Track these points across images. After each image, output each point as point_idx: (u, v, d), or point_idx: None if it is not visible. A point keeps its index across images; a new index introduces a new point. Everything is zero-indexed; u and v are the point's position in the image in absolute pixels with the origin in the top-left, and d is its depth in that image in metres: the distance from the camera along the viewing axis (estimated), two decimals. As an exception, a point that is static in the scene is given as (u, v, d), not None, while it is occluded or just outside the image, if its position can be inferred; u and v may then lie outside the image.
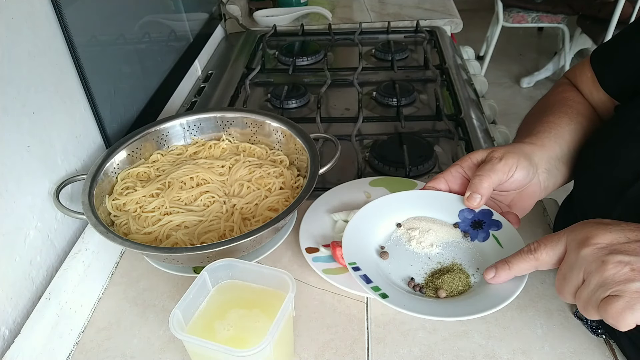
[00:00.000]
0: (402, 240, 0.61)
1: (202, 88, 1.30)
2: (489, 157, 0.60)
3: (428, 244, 0.61)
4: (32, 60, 0.72)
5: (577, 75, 0.74)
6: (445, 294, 0.56)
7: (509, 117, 2.80)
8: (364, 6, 1.74)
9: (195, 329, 0.57)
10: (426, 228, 0.62)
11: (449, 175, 0.62)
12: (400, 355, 0.63)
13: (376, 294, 0.54)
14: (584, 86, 0.73)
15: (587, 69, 0.71)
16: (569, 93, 0.73)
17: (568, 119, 0.67)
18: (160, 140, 0.90)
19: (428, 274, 0.59)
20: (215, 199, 0.79)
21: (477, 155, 0.61)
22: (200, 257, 0.67)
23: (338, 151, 0.81)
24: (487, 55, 3.16)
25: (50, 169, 0.76)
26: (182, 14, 1.28)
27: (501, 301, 0.52)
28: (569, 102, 0.71)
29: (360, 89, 1.19)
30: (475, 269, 0.59)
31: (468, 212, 0.62)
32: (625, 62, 0.66)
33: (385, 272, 0.59)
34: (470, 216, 0.62)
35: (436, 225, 0.63)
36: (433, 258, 0.60)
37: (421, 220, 0.63)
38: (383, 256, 0.61)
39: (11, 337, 0.64)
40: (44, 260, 0.74)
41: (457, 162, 0.62)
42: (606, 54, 0.70)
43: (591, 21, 2.78)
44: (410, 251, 0.61)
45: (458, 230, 0.63)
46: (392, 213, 0.63)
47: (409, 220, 0.63)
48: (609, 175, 0.59)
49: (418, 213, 0.63)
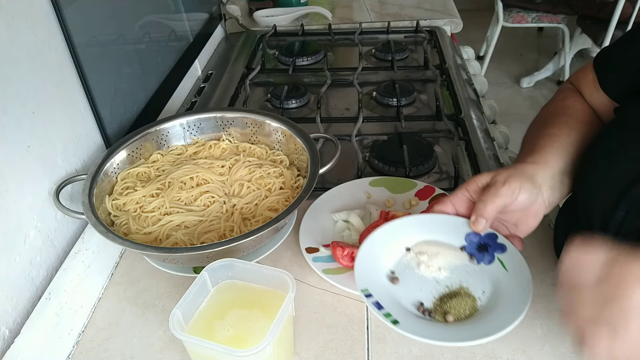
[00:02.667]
0: (412, 265, 0.62)
1: (202, 88, 1.30)
2: (493, 180, 0.61)
3: (436, 268, 0.62)
4: (32, 60, 0.72)
5: (580, 78, 0.75)
6: (453, 319, 0.58)
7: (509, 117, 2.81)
8: (364, 6, 1.74)
9: (195, 329, 0.57)
10: (434, 252, 0.63)
11: (456, 198, 0.63)
12: (400, 355, 0.63)
13: (387, 320, 0.56)
14: (586, 89, 0.73)
15: (590, 72, 0.72)
16: (570, 100, 0.73)
17: (569, 130, 0.68)
18: (160, 140, 0.90)
19: (437, 298, 0.60)
20: (215, 199, 0.79)
21: (482, 179, 0.62)
22: (200, 257, 0.67)
23: (338, 151, 0.81)
24: (487, 55, 3.16)
25: (50, 169, 0.76)
26: (182, 14, 1.28)
27: (507, 324, 0.54)
28: (569, 110, 0.71)
29: (360, 89, 1.19)
30: (481, 292, 0.60)
31: (474, 235, 0.63)
32: (626, 64, 0.67)
33: (395, 297, 0.60)
34: (476, 239, 0.63)
35: (444, 248, 0.64)
36: (441, 282, 0.61)
37: (429, 244, 0.64)
38: (394, 281, 0.61)
39: (11, 337, 0.64)
40: (44, 260, 0.74)
41: (462, 185, 0.63)
42: (608, 56, 0.71)
43: (591, 21, 2.78)
44: (420, 275, 0.62)
45: (465, 253, 0.64)
46: (401, 237, 0.64)
47: (418, 244, 0.64)
48: (612, 174, 0.59)
49: (426, 237, 0.64)
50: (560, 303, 0.49)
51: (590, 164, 0.64)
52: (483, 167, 0.95)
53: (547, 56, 3.43)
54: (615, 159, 0.60)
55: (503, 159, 1.00)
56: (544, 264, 0.73)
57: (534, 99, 3.11)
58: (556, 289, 0.50)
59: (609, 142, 0.63)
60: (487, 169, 0.95)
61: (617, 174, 0.59)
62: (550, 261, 0.74)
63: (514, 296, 0.57)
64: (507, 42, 3.46)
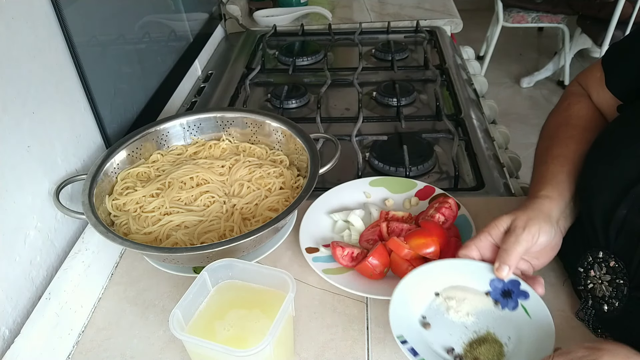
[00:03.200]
0: (441, 310, 0.64)
1: (202, 88, 1.30)
2: (513, 226, 0.63)
3: (464, 313, 0.64)
4: (32, 60, 0.72)
5: (587, 77, 0.76)
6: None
7: (509, 117, 2.81)
8: (364, 6, 1.74)
9: (195, 329, 0.57)
10: (462, 297, 0.65)
11: (479, 242, 0.66)
12: (401, 355, 0.63)
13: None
14: (593, 88, 0.74)
15: (597, 70, 0.73)
16: (575, 107, 0.75)
17: (575, 145, 0.69)
18: (160, 140, 0.90)
19: (466, 343, 0.61)
20: (215, 199, 0.79)
21: (502, 223, 0.65)
22: (200, 257, 0.67)
23: (338, 151, 0.81)
24: (487, 55, 3.16)
25: (50, 169, 0.76)
26: (182, 14, 1.28)
27: None
28: (573, 119, 0.73)
29: (360, 89, 1.19)
30: (507, 338, 0.62)
31: (498, 281, 0.65)
32: (631, 62, 0.68)
33: (428, 341, 0.61)
34: (500, 285, 0.65)
35: (470, 294, 0.65)
36: (469, 327, 0.63)
37: (457, 289, 0.66)
38: (425, 326, 0.63)
39: (11, 337, 0.64)
40: (44, 260, 0.74)
41: (485, 229, 0.66)
42: (615, 55, 0.72)
43: (591, 21, 2.78)
44: (449, 320, 0.63)
45: (490, 298, 0.66)
46: (431, 282, 0.66)
47: (446, 289, 0.66)
48: (613, 174, 0.60)
49: (453, 282, 0.66)
50: None
51: (590, 167, 0.65)
52: (483, 167, 0.95)
53: (547, 56, 3.43)
54: (617, 159, 0.60)
55: (503, 159, 1.00)
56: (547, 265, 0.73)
57: (534, 99, 3.10)
58: None
59: (611, 141, 0.63)
60: (487, 168, 0.95)
61: (618, 174, 0.59)
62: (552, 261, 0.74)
63: (538, 344, 0.59)
64: (507, 42, 3.46)
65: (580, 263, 0.65)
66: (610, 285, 0.61)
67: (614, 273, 0.60)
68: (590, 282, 0.64)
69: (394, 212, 0.81)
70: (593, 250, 0.63)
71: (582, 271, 0.65)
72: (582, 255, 0.65)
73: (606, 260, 0.61)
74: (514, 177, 1.05)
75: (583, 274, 0.65)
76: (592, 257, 0.63)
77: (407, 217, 0.80)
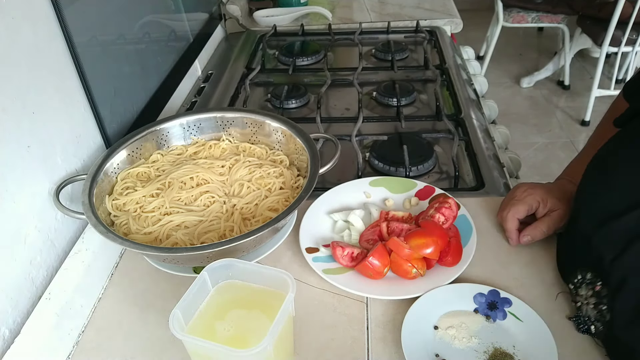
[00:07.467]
0: (446, 341, 0.65)
1: (202, 88, 1.30)
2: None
3: (468, 338, 0.64)
4: (32, 60, 0.72)
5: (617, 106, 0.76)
6: None
7: (509, 117, 2.81)
8: (364, 6, 1.74)
9: (195, 329, 0.57)
10: (458, 323, 0.66)
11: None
12: (400, 355, 0.63)
13: None
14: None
15: (620, 103, 0.74)
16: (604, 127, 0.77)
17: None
18: (160, 140, 0.90)
19: None
20: (215, 199, 0.79)
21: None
22: (200, 257, 0.67)
23: (338, 151, 0.81)
24: (487, 55, 3.16)
25: (50, 169, 0.76)
26: (182, 14, 1.28)
27: None
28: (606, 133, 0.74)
29: (360, 89, 1.19)
30: (512, 347, 0.63)
31: (480, 296, 0.68)
32: None
33: None
34: (483, 300, 0.67)
35: (463, 317, 0.67)
36: (478, 349, 0.63)
37: (450, 316, 0.67)
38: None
39: (11, 337, 0.64)
40: (44, 260, 0.74)
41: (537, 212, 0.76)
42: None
43: (591, 21, 2.78)
44: (458, 349, 0.64)
45: (480, 315, 0.67)
46: (427, 318, 0.66)
47: (441, 319, 0.67)
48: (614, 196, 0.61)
49: (444, 309, 0.67)
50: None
51: (585, 176, 0.67)
52: (483, 167, 0.95)
53: (547, 56, 3.43)
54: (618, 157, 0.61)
55: (503, 159, 1.00)
56: (548, 265, 0.73)
57: (533, 99, 3.10)
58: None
59: (608, 156, 0.65)
60: (487, 168, 0.95)
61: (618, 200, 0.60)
62: (553, 260, 0.74)
63: (539, 341, 0.62)
64: (507, 42, 3.46)
65: (571, 280, 0.66)
66: (595, 309, 0.61)
67: (598, 297, 0.61)
68: (579, 301, 0.64)
69: (394, 212, 0.81)
70: (583, 269, 0.64)
71: (572, 288, 0.66)
72: (573, 273, 0.65)
73: (593, 283, 0.62)
74: (514, 177, 1.05)
75: (573, 290, 0.65)
76: (582, 275, 0.64)
77: (407, 217, 0.80)
